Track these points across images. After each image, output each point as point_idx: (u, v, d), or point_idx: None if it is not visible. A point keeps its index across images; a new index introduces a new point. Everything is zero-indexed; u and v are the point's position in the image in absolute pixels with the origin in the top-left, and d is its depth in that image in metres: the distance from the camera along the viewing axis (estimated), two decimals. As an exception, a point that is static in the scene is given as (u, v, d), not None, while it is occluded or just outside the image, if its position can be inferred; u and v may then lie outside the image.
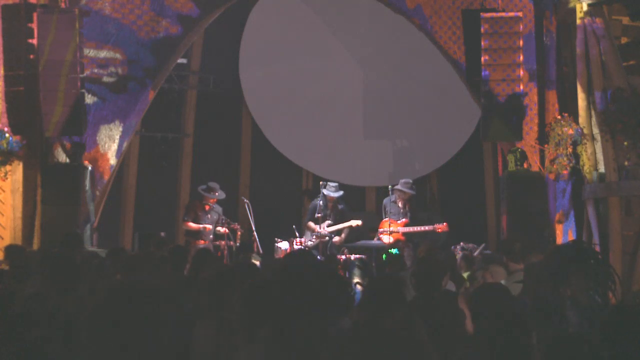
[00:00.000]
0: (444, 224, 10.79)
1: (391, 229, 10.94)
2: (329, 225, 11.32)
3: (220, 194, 11.22)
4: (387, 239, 10.97)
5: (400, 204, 11.12)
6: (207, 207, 11.14)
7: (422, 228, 10.90)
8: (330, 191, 11.34)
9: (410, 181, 11.32)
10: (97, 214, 10.94)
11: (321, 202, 11.41)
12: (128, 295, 2.43)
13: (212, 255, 6.45)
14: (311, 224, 11.46)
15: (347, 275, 8.34)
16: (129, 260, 5.91)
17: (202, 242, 10.98)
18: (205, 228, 11.01)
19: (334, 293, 3.40)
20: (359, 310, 4.12)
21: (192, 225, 11.07)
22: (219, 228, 11.13)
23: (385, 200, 11.34)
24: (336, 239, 11.40)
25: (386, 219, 11.14)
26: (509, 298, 4.11)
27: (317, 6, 14.16)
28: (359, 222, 11.48)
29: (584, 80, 9.97)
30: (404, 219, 11.05)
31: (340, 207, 11.48)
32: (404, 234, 11.00)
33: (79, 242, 8.38)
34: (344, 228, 11.37)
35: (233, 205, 13.18)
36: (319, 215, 11.21)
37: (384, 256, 10.02)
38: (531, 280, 4.86)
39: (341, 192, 11.47)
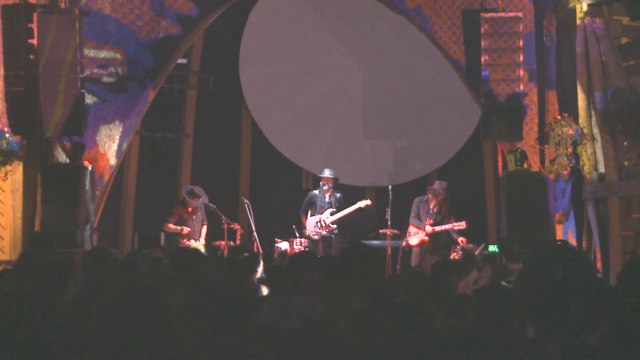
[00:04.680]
0: (463, 222, 10.74)
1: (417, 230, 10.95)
2: (332, 214, 11.20)
3: (203, 199, 11.25)
4: (414, 240, 10.94)
5: (431, 205, 11.03)
6: (190, 210, 11.20)
7: (442, 227, 10.84)
8: (326, 174, 11.31)
9: (446, 183, 11.18)
10: (97, 214, 10.93)
11: (318, 192, 11.38)
12: (134, 295, 2.43)
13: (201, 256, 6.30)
14: (303, 218, 11.43)
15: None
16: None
17: (194, 240, 11.01)
18: (182, 230, 11.03)
19: None
20: None
21: (171, 226, 11.11)
22: (187, 228, 11.15)
23: (416, 200, 11.22)
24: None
25: (413, 220, 11.06)
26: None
27: (317, 6, 14.16)
28: (368, 202, 11.39)
29: (584, 80, 9.97)
30: (429, 219, 10.95)
31: (338, 195, 11.42)
32: (428, 234, 10.92)
33: (49, 242, 8.26)
34: (352, 212, 11.27)
35: (233, 205, 13.19)
36: (319, 205, 11.21)
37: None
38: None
39: (338, 178, 11.48)
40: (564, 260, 2.63)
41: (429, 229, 10.85)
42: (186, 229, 11.03)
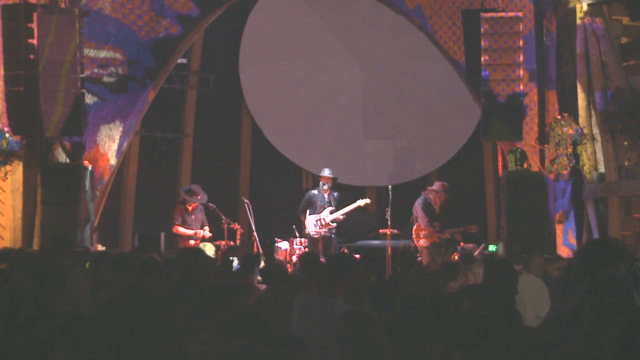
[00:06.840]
0: (474, 225, 10.65)
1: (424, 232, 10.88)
2: (331, 212, 11.14)
3: (202, 197, 11.09)
4: (424, 242, 10.84)
5: (436, 207, 10.94)
6: (190, 209, 11.11)
7: (454, 230, 10.76)
8: (325, 174, 11.23)
9: (447, 184, 11.08)
10: (97, 214, 10.94)
11: (316, 192, 11.34)
12: (135, 298, 2.43)
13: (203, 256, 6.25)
14: (303, 218, 11.38)
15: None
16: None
17: (195, 242, 10.94)
18: (195, 234, 10.92)
19: None
20: None
21: (182, 231, 10.93)
22: (202, 231, 11.03)
23: (423, 202, 11.08)
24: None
25: (417, 223, 10.98)
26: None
27: (317, 6, 14.17)
28: (367, 200, 11.27)
29: (584, 80, 9.98)
30: (437, 222, 10.87)
31: (335, 194, 11.36)
32: (439, 236, 10.84)
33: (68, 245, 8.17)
34: (351, 210, 11.16)
35: (233, 205, 13.18)
36: (319, 204, 11.15)
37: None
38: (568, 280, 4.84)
39: (336, 177, 11.41)
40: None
41: (440, 231, 10.79)
42: (200, 233, 10.91)
